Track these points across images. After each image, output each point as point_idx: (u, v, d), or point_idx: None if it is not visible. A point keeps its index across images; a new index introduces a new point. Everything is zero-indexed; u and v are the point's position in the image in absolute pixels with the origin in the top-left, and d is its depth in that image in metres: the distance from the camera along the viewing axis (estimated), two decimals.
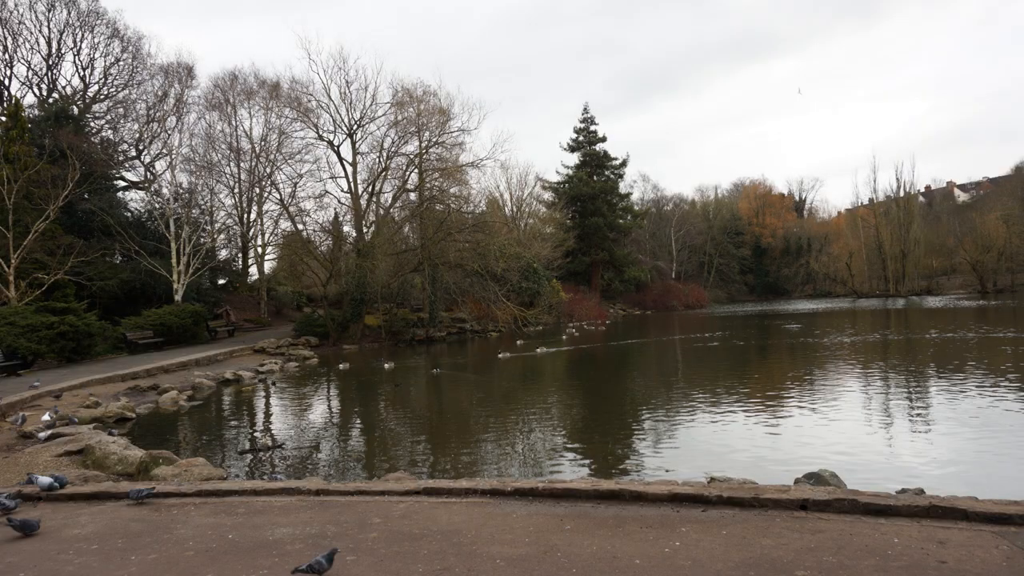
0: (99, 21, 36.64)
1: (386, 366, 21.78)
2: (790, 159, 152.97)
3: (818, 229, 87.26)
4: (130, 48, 37.60)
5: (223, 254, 41.23)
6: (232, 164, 37.56)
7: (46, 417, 12.16)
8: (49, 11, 35.22)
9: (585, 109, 62.21)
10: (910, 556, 4.14)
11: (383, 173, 35.03)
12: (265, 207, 38.48)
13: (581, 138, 61.91)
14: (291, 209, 34.74)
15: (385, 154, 34.75)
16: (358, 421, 13.84)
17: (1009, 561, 3.99)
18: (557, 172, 62.28)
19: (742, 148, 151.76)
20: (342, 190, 36.41)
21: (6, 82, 34.95)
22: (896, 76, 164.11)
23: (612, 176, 61.96)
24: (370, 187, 35.08)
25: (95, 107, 37.23)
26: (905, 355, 19.67)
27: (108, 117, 37.15)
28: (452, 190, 35.46)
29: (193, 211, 32.55)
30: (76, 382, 16.88)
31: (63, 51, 36.30)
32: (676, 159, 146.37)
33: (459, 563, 4.52)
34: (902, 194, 73.44)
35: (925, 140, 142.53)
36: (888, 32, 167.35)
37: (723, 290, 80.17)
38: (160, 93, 35.30)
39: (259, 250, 41.67)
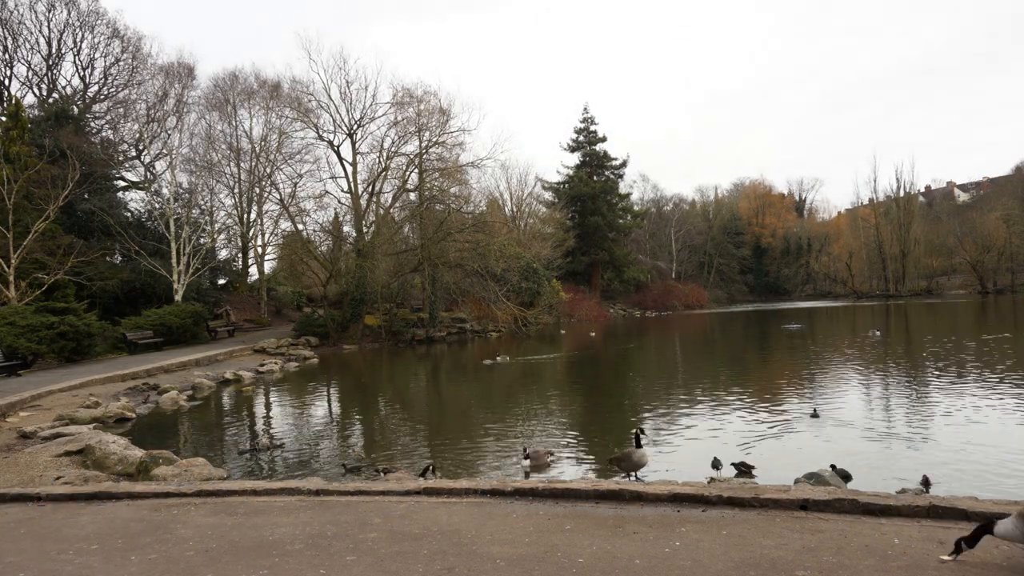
0: (99, 21, 36.73)
1: None
2: (790, 159, 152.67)
3: (818, 229, 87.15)
4: (130, 48, 37.68)
5: (223, 254, 41.25)
6: (232, 164, 37.59)
7: None
8: (49, 11, 35.26)
9: (585, 109, 62.36)
10: (910, 556, 4.14)
11: (383, 173, 35.03)
12: (265, 207, 38.55)
13: (581, 138, 61.91)
14: (291, 209, 34.77)
15: (385, 154, 34.78)
16: (358, 421, 13.84)
17: (1009, 561, 3.99)
18: (557, 172, 62.35)
19: (742, 147, 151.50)
20: (342, 190, 36.46)
21: (6, 82, 34.99)
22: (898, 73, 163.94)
23: (612, 176, 61.98)
24: (370, 187, 35.08)
25: (95, 107, 37.22)
26: (904, 353, 19.66)
27: (108, 117, 37.16)
28: (452, 190, 35.45)
29: (193, 211, 32.57)
30: (76, 382, 16.88)
31: (63, 51, 36.34)
32: (677, 155, 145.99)
33: (459, 563, 4.52)
34: (902, 194, 73.44)
35: (925, 139, 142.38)
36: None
37: (723, 290, 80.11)
38: (160, 93, 35.30)
39: (259, 250, 41.67)
